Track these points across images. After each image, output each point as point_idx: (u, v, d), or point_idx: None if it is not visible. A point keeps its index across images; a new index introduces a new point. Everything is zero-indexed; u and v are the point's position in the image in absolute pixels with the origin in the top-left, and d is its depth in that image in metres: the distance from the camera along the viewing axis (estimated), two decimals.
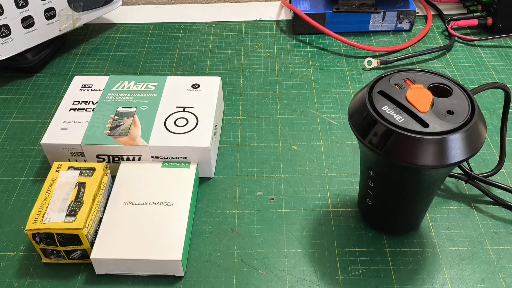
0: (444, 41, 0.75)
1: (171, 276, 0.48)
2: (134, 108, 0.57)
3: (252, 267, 0.48)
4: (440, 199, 0.54)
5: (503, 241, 0.50)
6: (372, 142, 0.40)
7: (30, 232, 0.46)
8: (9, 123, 0.64)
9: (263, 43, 0.76)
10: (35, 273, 0.49)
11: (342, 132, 0.62)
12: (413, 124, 0.39)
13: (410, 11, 0.74)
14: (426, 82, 0.43)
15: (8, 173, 0.58)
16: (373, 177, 0.45)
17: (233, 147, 0.60)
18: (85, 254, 0.48)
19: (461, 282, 0.47)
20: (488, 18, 0.75)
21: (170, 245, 0.47)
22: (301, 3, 0.77)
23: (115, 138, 0.54)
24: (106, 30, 0.80)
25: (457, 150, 0.39)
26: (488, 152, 0.58)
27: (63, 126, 0.56)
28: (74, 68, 0.73)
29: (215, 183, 0.56)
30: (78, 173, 0.51)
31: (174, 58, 0.74)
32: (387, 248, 0.50)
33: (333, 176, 0.56)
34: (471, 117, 0.40)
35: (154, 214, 0.49)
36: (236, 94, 0.67)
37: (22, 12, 0.66)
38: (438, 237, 0.50)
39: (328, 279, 0.47)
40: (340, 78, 0.69)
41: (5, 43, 0.65)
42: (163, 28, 0.80)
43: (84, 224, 0.46)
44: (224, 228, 0.52)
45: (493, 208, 0.53)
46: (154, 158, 0.55)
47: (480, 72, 0.69)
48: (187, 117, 0.56)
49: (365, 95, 0.42)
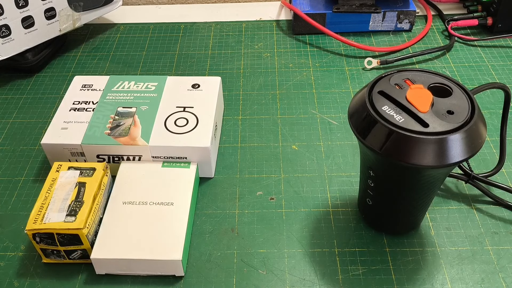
0: (444, 41, 0.75)
1: (171, 276, 0.48)
2: (134, 108, 0.57)
3: (252, 267, 0.49)
4: (440, 199, 0.54)
5: (503, 241, 0.50)
6: (372, 142, 0.40)
7: (30, 232, 0.46)
8: (9, 123, 0.64)
9: (263, 43, 0.76)
10: (35, 273, 0.49)
11: (342, 132, 0.62)
12: (413, 124, 0.40)
13: (410, 11, 0.74)
14: (426, 82, 0.43)
15: (8, 173, 0.58)
16: (373, 177, 0.45)
17: (233, 147, 0.60)
18: (85, 254, 0.48)
19: (461, 282, 0.47)
20: (488, 18, 0.75)
21: (170, 245, 0.47)
22: (301, 3, 0.77)
23: (115, 138, 0.54)
24: (106, 30, 0.80)
25: (457, 150, 0.39)
26: (488, 152, 0.58)
27: (63, 126, 0.56)
28: (74, 68, 0.73)
29: (215, 183, 0.56)
30: (78, 173, 0.51)
31: (174, 58, 0.74)
32: (387, 248, 0.50)
33: (333, 176, 0.56)
34: (471, 117, 0.40)
35: (154, 214, 0.49)
36: (236, 94, 0.67)
37: (22, 12, 0.66)
38: (438, 237, 0.50)
39: (328, 279, 0.47)
40: (340, 78, 0.69)
41: (5, 43, 0.65)
42: (163, 28, 0.80)
43: (84, 224, 0.46)
44: (224, 228, 0.52)
45: (493, 208, 0.53)
46: (154, 158, 0.55)
47: (480, 72, 0.69)
48: (187, 117, 0.56)
49: (365, 95, 0.42)
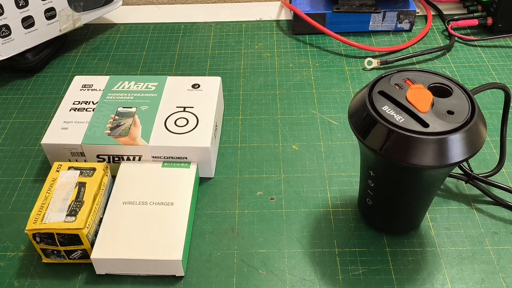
0: (444, 41, 0.75)
1: (171, 276, 0.48)
2: (134, 108, 0.57)
3: (252, 267, 0.49)
4: (440, 199, 0.54)
5: (503, 241, 0.50)
6: (372, 142, 0.40)
7: (30, 232, 0.46)
8: (9, 123, 0.64)
9: (263, 43, 0.76)
10: (35, 273, 0.49)
11: (342, 132, 0.62)
12: (413, 124, 0.40)
13: (410, 11, 0.74)
14: (426, 82, 0.43)
15: (8, 173, 0.58)
16: (373, 177, 0.45)
17: (233, 147, 0.60)
18: (86, 254, 0.48)
19: (461, 282, 0.47)
20: (488, 18, 0.75)
21: (170, 245, 0.47)
22: (301, 3, 0.77)
23: (116, 138, 0.54)
24: (106, 30, 0.80)
25: (457, 150, 0.39)
26: (488, 152, 0.58)
27: (64, 126, 0.56)
28: (74, 68, 0.73)
29: (215, 183, 0.56)
30: (78, 173, 0.51)
31: (174, 58, 0.74)
32: (387, 248, 0.50)
33: (333, 176, 0.56)
34: (471, 117, 0.40)
35: (154, 214, 0.49)
36: (236, 94, 0.67)
37: (22, 12, 0.66)
38: (438, 237, 0.50)
39: (328, 279, 0.47)
40: (340, 78, 0.69)
41: (5, 43, 0.65)
42: (163, 28, 0.80)
43: (84, 224, 0.46)
44: (224, 228, 0.52)
45: (493, 208, 0.53)
46: (154, 158, 0.55)
47: (480, 72, 0.69)
48: (187, 117, 0.56)
49: (365, 95, 0.42)
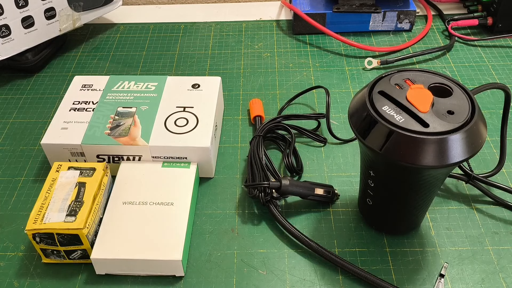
0: (444, 41, 0.75)
1: (171, 276, 0.48)
2: (134, 108, 0.57)
3: (252, 267, 0.48)
4: (440, 199, 0.54)
5: (503, 241, 0.50)
6: (372, 142, 0.40)
7: (30, 232, 0.46)
8: (9, 123, 0.64)
9: (263, 43, 0.76)
10: (35, 273, 0.49)
11: (342, 132, 0.61)
12: (414, 124, 0.39)
13: (410, 11, 0.74)
14: (426, 82, 0.43)
15: (8, 173, 0.58)
16: (373, 177, 0.45)
17: (233, 147, 0.60)
18: (85, 254, 0.48)
19: (461, 282, 0.47)
20: (488, 18, 0.75)
21: (170, 245, 0.47)
22: (301, 3, 0.77)
23: (115, 138, 0.54)
24: (106, 30, 0.80)
25: (457, 150, 0.39)
26: (488, 152, 0.58)
27: (63, 126, 0.56)
28: (74, 68, 0.73)
29: (215, 183, 0.56)
30: (78, 173, 0.51)
31: (174, 58, 0.74)
32: (387, 248, 0.50)
33: (333, 176, 0.56)
34: (472, 117, 0.40)
35: (154, 214, 0.49)
36: (236, 94, 0.67)
37: (22, 12, 0.66)
38: (438, 237, 0.50)
39: (328, 279, 0.47)
40: (340, 78, 0.69)
41: (5, 43, 0.65)
42: (163, 28, 0.80)
43: (84, 224, 0.46)
44: (224, 228, 0.52)
45: (493, 208, 0.53)
46: (154, 158, 0.55)
47: (480, 72, 0.69)
48: (187, 117, 0.56)
49: (365, 95, 0.42)
